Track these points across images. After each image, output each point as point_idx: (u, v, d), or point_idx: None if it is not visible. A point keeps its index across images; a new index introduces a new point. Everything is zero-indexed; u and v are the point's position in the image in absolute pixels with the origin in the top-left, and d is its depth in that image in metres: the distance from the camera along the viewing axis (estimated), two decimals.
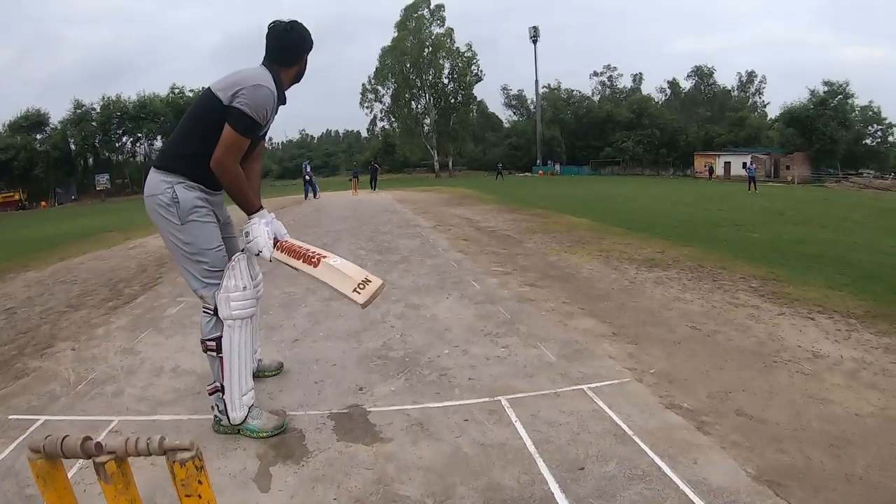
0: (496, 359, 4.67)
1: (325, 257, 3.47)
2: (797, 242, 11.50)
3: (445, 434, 3.44)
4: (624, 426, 3.45)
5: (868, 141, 76.64)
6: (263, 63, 3.53)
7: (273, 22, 3.59)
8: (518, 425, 3.50)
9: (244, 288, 3.41)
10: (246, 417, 3.47)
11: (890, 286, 7.19)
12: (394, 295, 6.81)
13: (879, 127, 77.16)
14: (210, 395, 3.54)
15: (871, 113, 75.99)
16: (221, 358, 3.41)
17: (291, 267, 3.51)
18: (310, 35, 3.66)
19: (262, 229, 3.50)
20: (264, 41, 3.57)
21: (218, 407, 3.52)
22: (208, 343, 3.46)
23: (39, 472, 1.75)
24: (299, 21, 3.63)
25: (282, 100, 3.53)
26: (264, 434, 3.47)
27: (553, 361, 4.57)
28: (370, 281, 3.39)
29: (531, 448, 3.22)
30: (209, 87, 3.42)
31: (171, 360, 4.94)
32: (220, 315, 3.38)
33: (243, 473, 3.09)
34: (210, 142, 3.32)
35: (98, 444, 1.68)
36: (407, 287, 7.31)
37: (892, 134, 78.48)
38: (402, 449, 3.28)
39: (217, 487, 2.90)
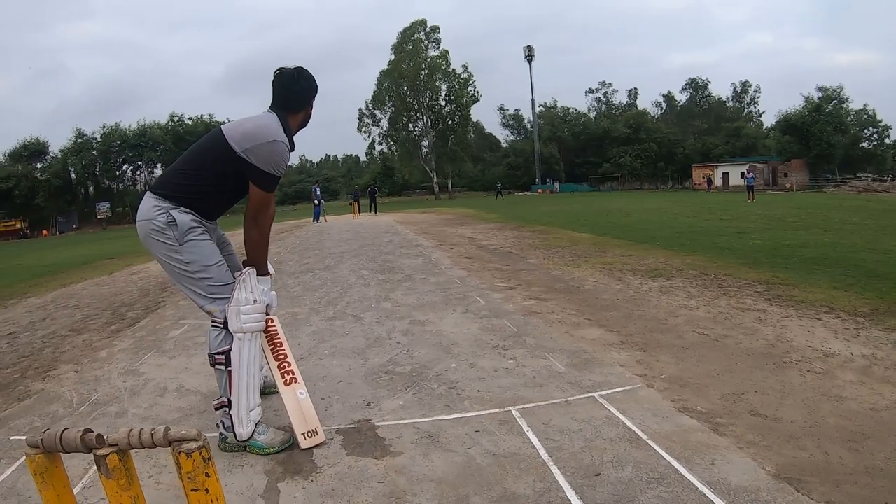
0: (504, 370, 4.62)
1: (297, 382, 3.67)
2: (800, 247, 11.46)
3: (457, 445, 3.38)
4: (638, 431, 3.40)
5: (865, 144, 77.01)
6: (271, 108, 3.60)
7: (279, 69, 3.67)
8: (530, 434, 3.45)
9: (254, 301, 3.40)
10: (252, 433, 3.42)
11: (895, 284, 7.15)
12: (398, 312, 6.79)
13: (875, 129, 77.76)
14: (216, 410, 3.50)
15: (866, 116, 76.51)
16: (230, 372, 3.37)
17: (264, 355, 3.67)
18: (315, 81, 3.75)
19: (268, 292, 3.69)
20: (271, 88, 3.64)
21: (224, 423, 3.47)
22: (217, 357, 3.42)
23: (37, 468, 1.68)
24: (305, 68, 3.72)
25: (291, 146, 3.57)
26: (271, 450, 3.43)
27: (562, 371, 4.52)
28: (317, 434, 3.54)
29: (545, 456, 3.17)
30: (221, 131, 3.50)
31: (174, 380, 4.92)
32: (231, 328, 3.35)
33: (251, 490, 3.04)
34: (214, 184, 3.47)
35: (99, 437, 1.62)
36: (411, 304, 7.28)
37: (889, 136, 78.94)
38: (412, 461, 3.23)
39: None
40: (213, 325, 3.45)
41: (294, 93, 3.64)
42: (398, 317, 6.58)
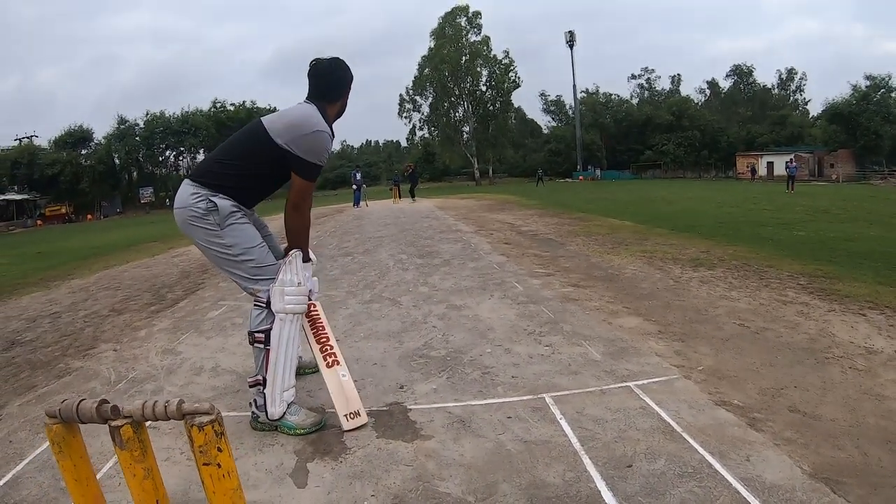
0: (540, 357, 4.59)
1: (339, 364, 3.66)
2: (845, 240, 11.21)
3: (488, 431, 3.37)
4: (673, 423, 3.35)
5: None
6: (308, 99, 3.62)
7: (315, 60, 3.70)
8: (563, 422, 3.42)
9: (299, 283, 3.47)
10: (284, 413, 3.47)
11: None
12: (436, 297, 6.79)
13: None
14: (251, 387, 3.55)
15: None
16: (268, 351, 3.43)
17: (306, 337, 3.72)
18: (350, 72, 3.77)
19: (310, 278, 3.73)
20: (307, 79, 3.67)
21: (256, 402, 3.52)
22: (256, 335, 3.47)
23: (55, 437, 1.69)
24: (340, 58, 3.75)
25: (331, 135, 3.59)
26: (302, 431, 3.46)
27: (598, 359, 4.48)
28: (360, 415, 3.54)
29: (576, 445, 3.14)
30: (261, 123, 3.54)
31: (211, 359, 4.99)
32: (273, 308, 3.42)
33: (280, 469, 3.08)
34: (255, 173, 3.52)
35: (114, 408, 1.63)
36: (448, 289, 7.26)
37: None
38: (442, 446, 3.23)
39: (253, 482, 2.90)
40: (255, 304, 3.51)
41: (331, 83, 3.66)
42: (435, 301, 6.58)
